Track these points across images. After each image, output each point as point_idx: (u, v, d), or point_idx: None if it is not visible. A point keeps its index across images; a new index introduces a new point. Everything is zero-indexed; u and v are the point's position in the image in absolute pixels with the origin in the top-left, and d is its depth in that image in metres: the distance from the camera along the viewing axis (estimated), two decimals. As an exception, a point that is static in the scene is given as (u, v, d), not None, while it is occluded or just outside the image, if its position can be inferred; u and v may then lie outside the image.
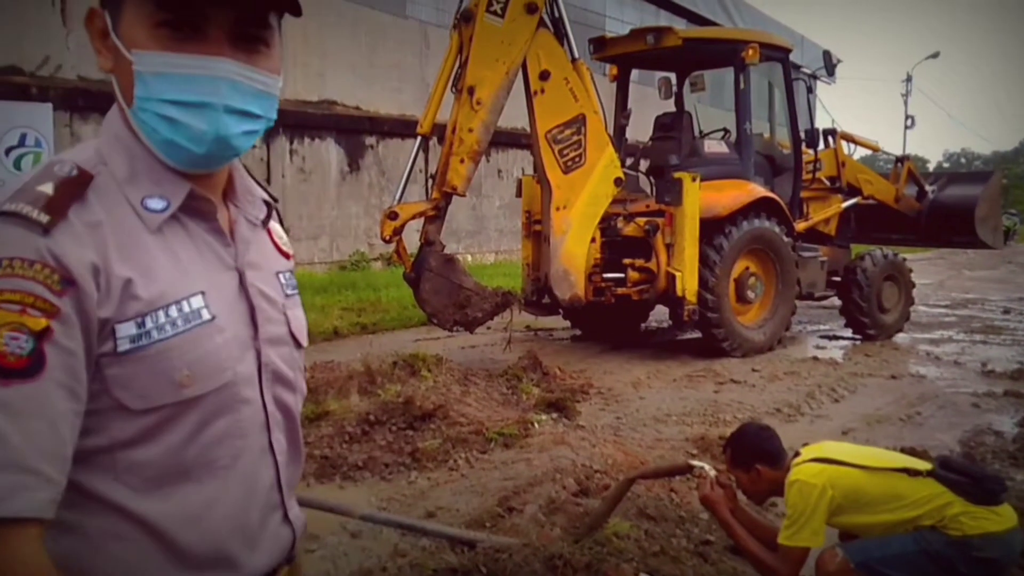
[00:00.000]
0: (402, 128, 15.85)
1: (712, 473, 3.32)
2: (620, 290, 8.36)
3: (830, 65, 9.59)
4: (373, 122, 16.12)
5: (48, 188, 1.02)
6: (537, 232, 8.68)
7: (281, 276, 1.30)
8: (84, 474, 1.03)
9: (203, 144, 1.10)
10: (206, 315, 1.10)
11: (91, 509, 1.04)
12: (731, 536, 3.30)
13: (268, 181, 14.41)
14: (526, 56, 7.66)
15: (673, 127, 9.45)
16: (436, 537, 3.98)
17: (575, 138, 7.94)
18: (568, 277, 8.03)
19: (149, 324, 1.04)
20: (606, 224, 8.38)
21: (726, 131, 9.69)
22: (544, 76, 7.78)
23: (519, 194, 9.31)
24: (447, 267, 7.61)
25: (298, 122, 14.79)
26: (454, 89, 7.62)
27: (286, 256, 1.34)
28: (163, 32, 1.05)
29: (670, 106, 10.05)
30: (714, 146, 9.35)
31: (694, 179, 8.22)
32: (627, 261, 8.40)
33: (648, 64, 10.54)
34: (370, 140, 16.16)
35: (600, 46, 9.45)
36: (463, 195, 7.79)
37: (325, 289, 12.21)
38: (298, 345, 1.30)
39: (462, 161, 7.51)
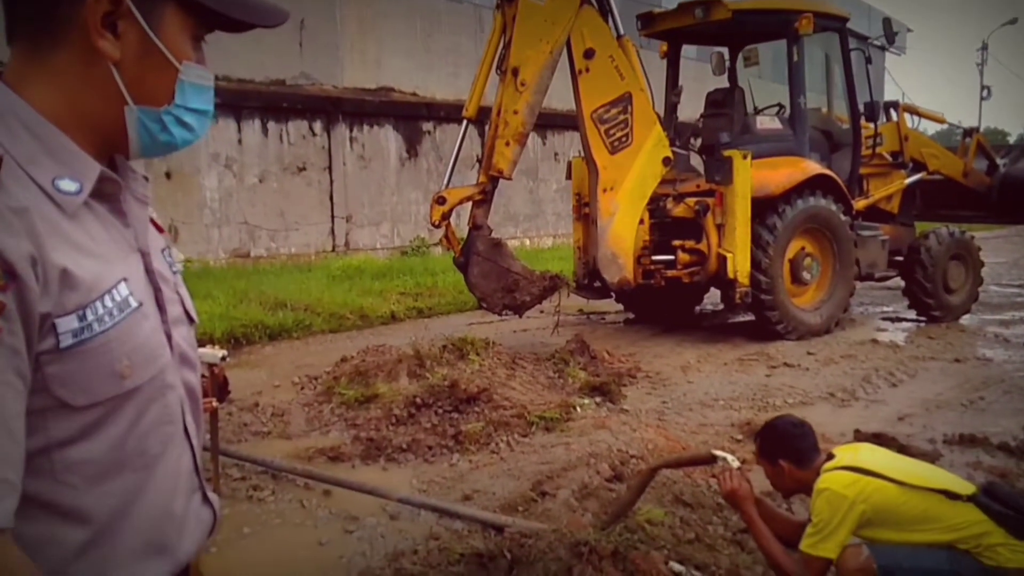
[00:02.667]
0: (459, 113, 15.78)
1: (735, 464, 3.22)
2: (670, 273, 8.23)
3: (890, 33, 9.22)
4: (430, 107, 16.21)
5: None
6: (588, 215, 8.62)
7: (165, 253, 1.26)
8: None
9: (188, 144, 1.18)
10: (133, 302, 1.08)
11: (29, 515, 0.98)
12: (753, 535, 3.19)
13: (329, 169, 14.63)
14: (570, 34, 7.59)
15: (725, 103, 9.24)
16: (469, 521, 4.02)
17: (621, 117, 7.84)
18: (616, 260, 7.96)
19: (90, 316, 1.01)
20: (655, 205, 8.27)
21: (780, 106, 9.44)
22: (588, 54, 7.69)
23: (569, 176, 9.24)
24: (495, 251, 7.62)
25: (357, 110, 14.96)
26: (499, 71, 7.60)
27: (160, 231, 1.30)
28: (194, 45, 1.14)
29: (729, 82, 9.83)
30: (767, 122, 9.11)
31: (745, 157, 8.03)
32: (677, 243, 8.27)
33: (699, 39, 10.32)
34: (427, 126, 16.24)
35: (648, 22, 9.27)
36: (509, 178, 7.78)
37: (384, 274, 12.36)
38: (191, 321, 1.28)
39: (508, 144, 7.49)
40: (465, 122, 7.89)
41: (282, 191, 13.98)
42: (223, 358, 4.66)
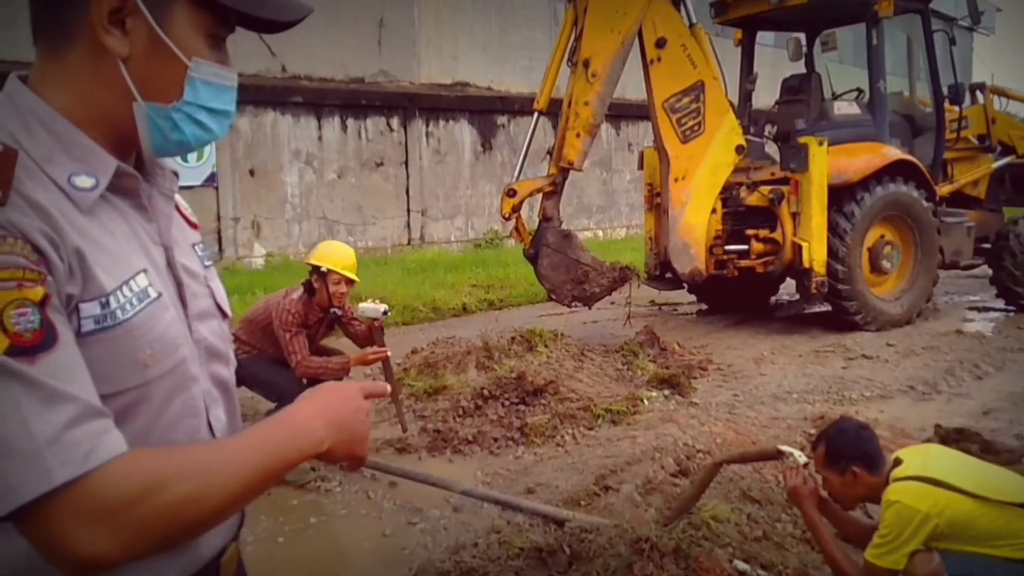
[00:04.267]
0: (532, 106, 15.92)
1: (802, 460, 3.11)
2: (743, 263, 8.08)
3: (975, 13, 8.85)
4: (504, 101, 16.26)
5: None
6: (659, 205, 8.52)
7: (197, 248, 1.27)
8: None
9: (204, 144, 1.19)
10: (152, 293, 1.08)
11: None
12: (815, 538, 3.08)
13: (406, 164, 14.83)
14: (641, 24, 7.53)
15: (801, 90, 9.01)
16: (530, 514, 4.02)
17: (693, 106, 7.75)
18: (688, 250, 7.86)
19: (114, 304, 1.02)
20: (728, 194, 8.13)
21: (860, 91, 9.15)
22: (660, 43, 7.62)
23: (640, 166, 9.16)
24: (565, 243, 7.61)
25: (433, 105, 15.14)
26: (570, 63, 7.58)
27: (194, 226, 1.31)
28: (209, 42, 1.13)
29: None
30: (845, 108, 8.85)
31: (821, 143, 7.81)
32: (751, 232, 8.10)
33: (774, 25, 10.06)
34: (502, 119, 16.31)
35: (722, 9, 9.11)
36: (580, 170, 7.77)
37: (456, 267, 12.46)
38: (224, 316, 1.28)
39: (578, 135, 7.48)
40: (536, 114, 7.90)
41: (360, 186, 14.25)
42: (384, 312, 4.98)
